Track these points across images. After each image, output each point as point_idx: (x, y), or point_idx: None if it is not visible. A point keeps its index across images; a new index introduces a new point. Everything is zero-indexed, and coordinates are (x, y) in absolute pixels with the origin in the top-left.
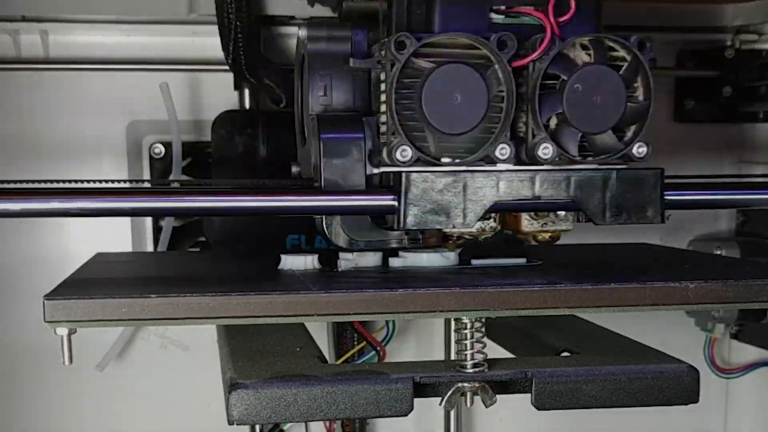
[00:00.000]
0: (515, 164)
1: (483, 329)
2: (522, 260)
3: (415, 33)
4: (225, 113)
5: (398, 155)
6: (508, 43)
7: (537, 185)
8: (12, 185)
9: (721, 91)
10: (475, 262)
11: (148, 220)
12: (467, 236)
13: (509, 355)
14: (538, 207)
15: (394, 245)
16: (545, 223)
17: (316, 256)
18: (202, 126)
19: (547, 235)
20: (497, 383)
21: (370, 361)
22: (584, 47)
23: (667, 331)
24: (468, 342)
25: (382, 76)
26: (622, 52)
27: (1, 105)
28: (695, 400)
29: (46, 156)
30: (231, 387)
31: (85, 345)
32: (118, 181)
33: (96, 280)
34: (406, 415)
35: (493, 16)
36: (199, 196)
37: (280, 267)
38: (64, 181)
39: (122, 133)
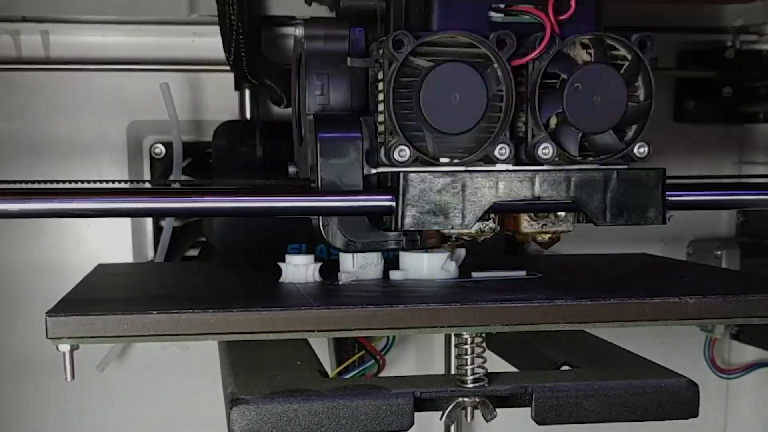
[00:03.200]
0: (515, 164)
1: (483, 344)
2: (522, 273)
3: (413, 31)
4: (226, 123)
5: (396, 155)
6: (507, 41)
7: (537, 186)
8: (12, 185)
9: (721, 91)
10: (475, 274)
11: (149, 221)
12: (466, 237)
13: (509, 367)
14: (538, 207)
15: (392, 246)
16: (545, 224)
17: (317, 269)
18: (203, 126)
19: (546, 237)
20: (497, 398)
21: (370, 370)
22: (585, 46)
23: (668, 331)
24: (468, 357)
25: (380, 75)
26: (623, 51)
27: (1, 105)
28: (695, 415)
29: (46, 156)
30: (232, 402)
31: (85, 345)
32: (119, 182)
33: (97, 295)
34: (407, 430)
35: (493, 14)
36: (198, 196)
37: (280, 280)
38: (64, 182)
39: (123, 134)
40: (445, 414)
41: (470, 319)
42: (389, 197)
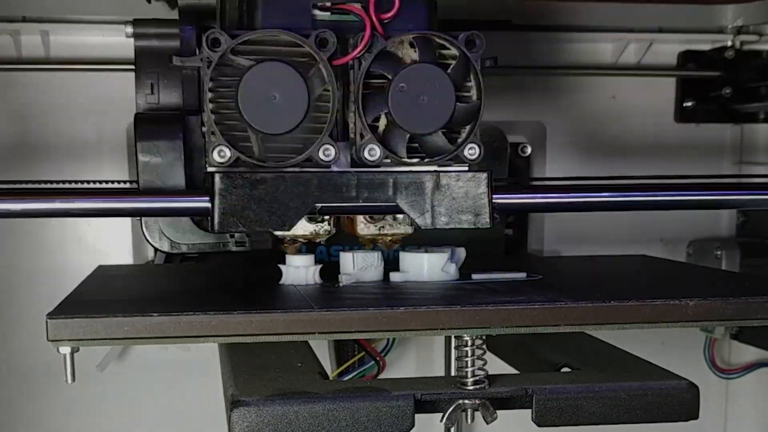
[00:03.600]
0: (348, 166)
1: (484, 346)
2: (522, 275)
3: (233, 30)
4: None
5: (216, 155)
6: (329, 40)
7: (360, 188)
8: (12, 185)
9: (721, 91)
10: (475, 276)
11: None
12: (301, 239)
13: (509, 369)
14: (359, 210)
15: (221, 248)
16: (382, 227)
17: (317, 271)
18: None
19: (387, 239)
20: (498, 400)
21: (370, 371)
22: (414, 46)
23: (668, 331)
24: (469, 359)
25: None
26: (452, 50)
27: (1, 105)
28: (695, 417)
29: (46, 156)
30: (233, 404)
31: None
32: (119, 182)
33: (97, 297)
34: None
35: (317, 12)
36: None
37: (281, 282)
38: (64, 182)
39: (123, 134)
40: (446, 416)
41: (470, 322)
42: (206, 198)
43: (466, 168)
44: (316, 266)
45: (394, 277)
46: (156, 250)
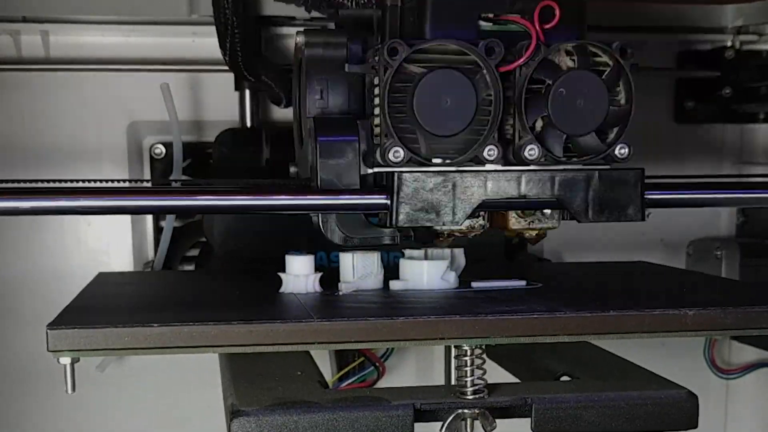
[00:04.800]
0: (503, 165)
1: (483, 356)
2: (522, 283)
3: (407, 39)
4: (227, 131)
5: (391, 156)
6: (496, 49)
7: (523, 185)
8: (12, 185)
9: (721, 91)
10: (475, 284)
11: (149, 221)
12: (457, 233)
13: (509, 376)
14: (524, 205)
15: (387, 242)
16: (532, 221)
17: (317, 280)
18: (203, 126)
19: (533, 233)
20: (497, 409)
21: (370, 377)
22: (569, 53)
23: None
24: (468, 369)
25: (376, 81)
26: (605, 58)
27: (1, 106)
28: (694, 426)
29: (47, 156)
30: (233, 414)
31: None
32: (119, 181)
33: (98, 306)
34: None
35: (482, 23)
36: (199, 194)
37: (281, 290)
38: (64, 182)
39: (123, 134)
40: (445, 425)
41: (470, 331)
42: (384, 195)
43: (621, 166)
44: (315, 274)
45: (394, 285)
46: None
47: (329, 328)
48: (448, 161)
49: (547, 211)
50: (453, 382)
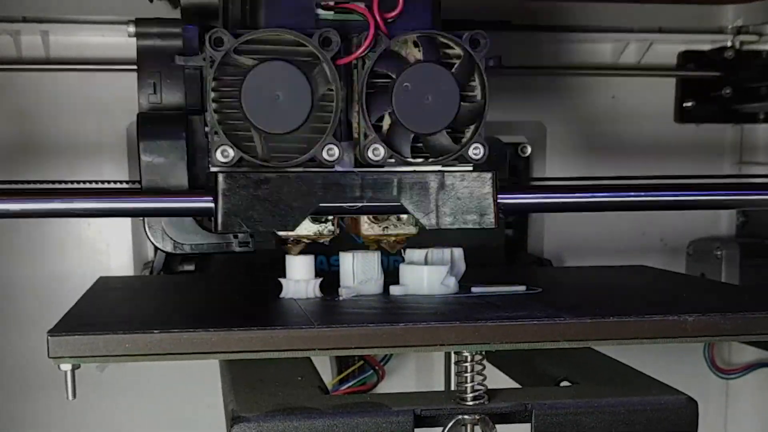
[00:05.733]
0: (355, 166)
1: (483, 361)
2: (521, 288)
3: (237, 29)
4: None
5: (219, 155)
6: (333, 39)
7: (364, 188)
8: (12, 185)
9: (721, 91)
10: (475, 289)
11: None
12: (305, 239)
13: (509, 381)
14: (362, 210)
15: (225, 249)
16: (386, 227)
17: (317, 285)
18: None
19: (391, 239)
20: (497, 415)
21: (369, 380)
22: (417, 45)
23: None
24: (468, 374)
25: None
26: (456, 50)
27: (1, 105)
28: (694, 431)
29: (46, 156)
30: (233, 420)
31: None
32: (119, 182)
33: (98, 312)
34: None
35: (321, 12)
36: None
37: (281, 295)
38: (65, 182)
39: (123, 134)
40: (445, 431)
41: (470, 338)
42: (209, 198)
43: (471, 168)
44: (316, 280)
45: (394, 290)
46: (157, 250)
47: (330, 335)
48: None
49: (404, 216)
50: (453, 387)
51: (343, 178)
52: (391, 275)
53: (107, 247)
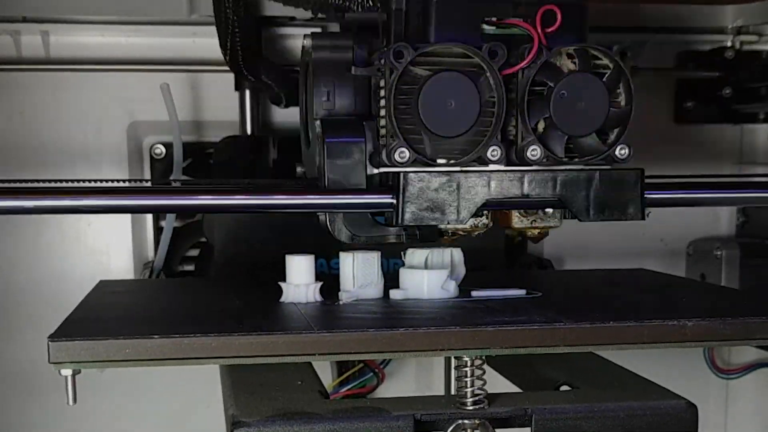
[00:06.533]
0: (506, 165)
1: (483, 366)
2: (521, 292)
3: (412, 43)
4: (228, 138)
5: (396, 156)
6: (499, 52)
7: (525, 184)
8: (12, 185)
9: (721, 92)
10: (475, 293)
11: (149, 221)
12: (461, 232)
13: (509, 384)
14: (526, 204)
15: (393, 240)
16: (534, 220)
17: (317, 289)
18: (203, 126)
19: (536, 232)
20: (497, 420)
21: (369, 382)
22: (570, 56)
23: None
24: (468, 379)
25: (382, 83)
26: (605, 60)
27: (1, 106)
28: None
29: (47, 157)
30: (233, 425)
31: None
32: (119, 181)
33: (99, 317)
34: None
35: (485, 27)
36: (202, 194)
37: (281, 299)
38: (65, 182)
39: (123, 134)
40: None
41: (470, 343)
42: (390, 195)
43: (621, 167)
44: (316, 284)
45: (394, 294)
46: (157, 250)
47: (330, 340)
48: (452, 161)
49: (549, 210)
50: (453, 392)
51: (507, 176)
52: (391, 278)
53: (108, 247)
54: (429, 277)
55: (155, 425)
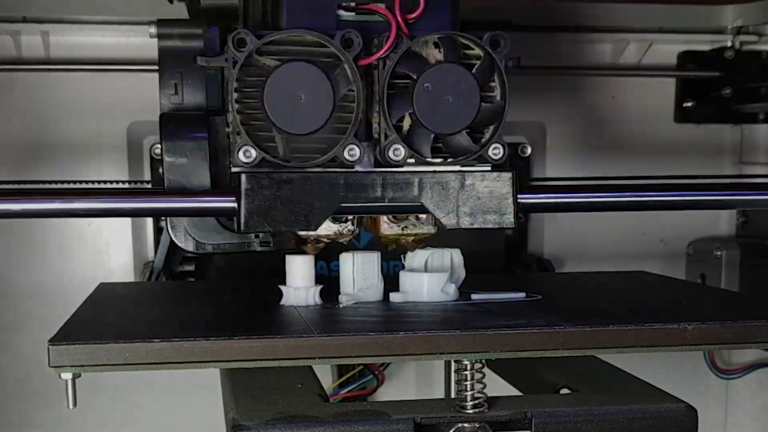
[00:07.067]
0: (375, 166)
1: (483, 369)
2: (521, 295)
3: (258, 30)
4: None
5: (241, 155)
6: (354, 40)
7: (385, 187)
8: (12, 185)
9: (721, 91)
10: (474, 296)
11: (149, 221)
12: (324, 239)
13: (508, 386)
14: (384, 209)
15: (246, 249)
16: (405, 227)
17: (317, 293)
18: None
19: (409, 239)
20: (497, 423)
21: (369, 384)
22: (438, 46)
23: None
24: (468, 383)
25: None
26: (477, 51)
27: (2, 106)
28: None
29: (47, 157)
30: (234, 429)
31: None
32: (119, 182)
33: (99, 320)
34: None
35: (342, 13)
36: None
37: (281, 302)
38: (65, 182)
39: (123, 134)
40: None
41: (469, 346)
42: (232, 198)
43: (490, 168)
44: (316, 287)
45: (394, 297)
46: (157, 250)
47: (330, 343)
48: (306, 163)
49: (422, 216)
50: (453, 395)
51: (364, 178)
52: (391, 281)
53: (108, 247)
54: (429, 280)
55: (155, 429)
